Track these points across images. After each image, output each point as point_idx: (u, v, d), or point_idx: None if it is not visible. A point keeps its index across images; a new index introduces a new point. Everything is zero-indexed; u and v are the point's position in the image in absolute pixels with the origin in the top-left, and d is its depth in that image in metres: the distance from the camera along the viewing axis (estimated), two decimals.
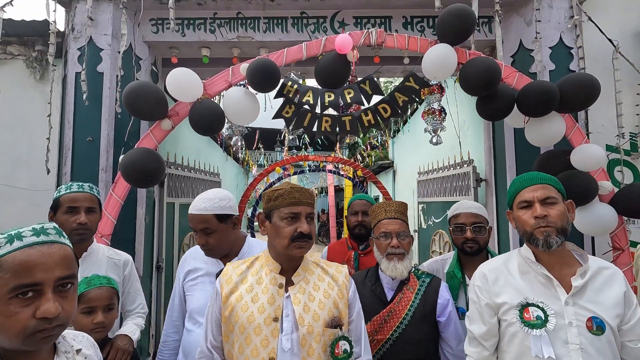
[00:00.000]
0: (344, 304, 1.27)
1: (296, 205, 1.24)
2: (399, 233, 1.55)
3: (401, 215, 1.61)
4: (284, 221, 1.24)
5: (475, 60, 2.15)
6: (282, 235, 1.23)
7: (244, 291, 1.25)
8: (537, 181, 1.26)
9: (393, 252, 1.53)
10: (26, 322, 0.73)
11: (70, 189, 1.59)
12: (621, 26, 2.82)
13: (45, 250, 0.78)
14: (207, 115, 2.16)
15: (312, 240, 1.26)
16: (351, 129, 2.23)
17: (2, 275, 0.73)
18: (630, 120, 2.75)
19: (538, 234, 1.20)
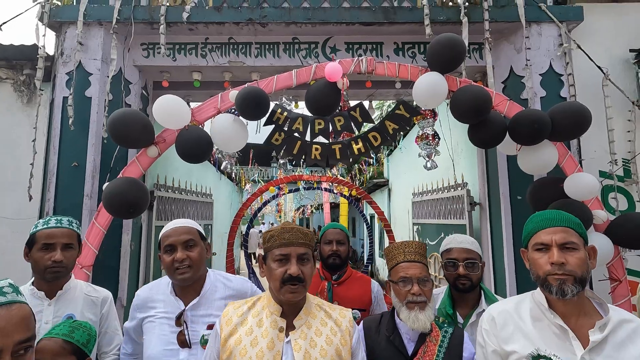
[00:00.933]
0: (347, 351, 1.22)
1: (286, 246, 1.21)
2: (420, 278, 1.40)
3: (421, 257, 1.47)
4: (275, 263, 1.21)
5: (466, 88, 2.14)
6: (273, 278, 1.21)
7: (244, 334, 1.20)
8: (557, 223, 1.17)
9: (414, 300, 1.38)
10: None
11: (47, 224, 1.53)
12: (609, 53, 2.85)
13: (3, 313, 0.72)
14: (194, 143, 2.12)
15: (306, 283, 1.21)
16: (341, 157, 2.19)
17: None
18: (622, 146, 2.74)
19: (552, 280, 1.12)
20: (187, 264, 1.41)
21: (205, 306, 1.45)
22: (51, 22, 2.66)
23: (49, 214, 2.48)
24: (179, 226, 1.47)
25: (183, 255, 1.41)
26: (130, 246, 2.70)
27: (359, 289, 1.99)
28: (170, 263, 1.42)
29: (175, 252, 1.42)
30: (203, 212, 4.77)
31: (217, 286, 1.51)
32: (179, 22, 2.66)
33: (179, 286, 1.48)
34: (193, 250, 1.44)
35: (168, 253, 1.43)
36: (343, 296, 1.93)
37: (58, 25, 2.71)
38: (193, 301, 1.46)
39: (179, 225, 1.48)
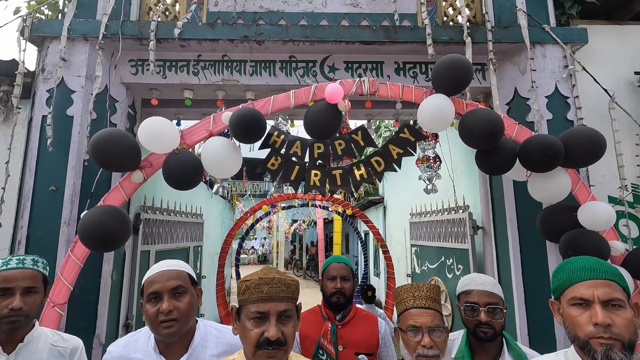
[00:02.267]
0: None
1: (265, 301, 1.03)
2: (431, 328, 1.25)
3: (433, 302, 1.32)
4: (250, 322, 1.03)
5: (476, 112, 2.03)
6: (247, 341, 1.03)
7: None
8: (599, 275, 1.02)
9: (425, 353, 1.22)
10: None
11: (7, 264, 1.33)
12: (614, 76, 2.79)
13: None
14: (183, 168, 1.95)
15: (287, 347, 1.03)
16: (342, 183, 2.04)
17: None
18: (630, 171, 2.65)
19: (596, 345, 0.96)
20: (174, 316, 1.21)
21: None
22: (33, 37, 2.50)
23: (21, 242, 2.27)
24: (166, 270, 1.27)
25: (170, 306, 1.21)
26: (111, 277, 2.49)
27: (366, 330, 1.80)
28: (155, 315, 1.21)
29: (160, 302, 1.21)
30: (193, 233, 4.55)
31: (207, 340, 1.31)
32: (170, 38, 2.52)
33: (163, 342, 1.27)
34: (182, 299, 1.24)
35: (152, 302, 1.23)
36: (348, 339, 1.74)
37: (40, 40, 2.55)
38: (181, 359, 1.26)
39: (165, 269, 1.27)
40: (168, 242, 3.82)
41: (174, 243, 3.96)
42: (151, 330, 1.27)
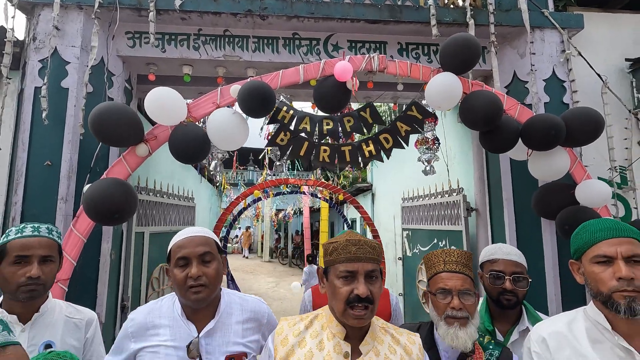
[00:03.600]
0: None
1: (353, 261, 1.06)
2: (461, 291, 1.28)
3: (464, 268, 1.34)
4: (339, 280, 1.07)
5: (478, 93, 2.06)
6: (337, 298, 1.07)
7: (302, 357, 1.06)
8: (621, 233, 1.08)
9: (454, 315, 1.25)
10: None
11: (22, 232, 1.27)
12: (606, 62, 2.89)
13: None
14: (191, 141, 1.90)
15: (374, 305, 1.07)
16: (351, 160, 2.05)
17: None
18: (619, 154, 2.77)
19: (619, 297, 1.02)
20: (203, 282, 1.20)
21: (221, 332, 1.24)
22: (22, 3, 2.35)
23: (16, 219, 2.17)
24: (195, 235, 1.26)
25: (199, 272, 1.19)
26: (110, 255, 2.42)
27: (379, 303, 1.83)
28: (183, 280, 1.20)
29: (189, 267, 1.20)
30: (185, 217, 4.48)
31: (232, 307, 1.31)
32: (171, 10, 2.43)
33: (190, 308, 1.26)
34: (210, 265, 1.23)
35: (180, 267, 1.21)
36: None
37: (30, 7, 2.41)
38: (208, 326, 1.24)
39: (194, 235, 1.26)
40: (162, 225, 3.75)
41: (167, 226, 3.89)
42: (179, 296, 1.25)
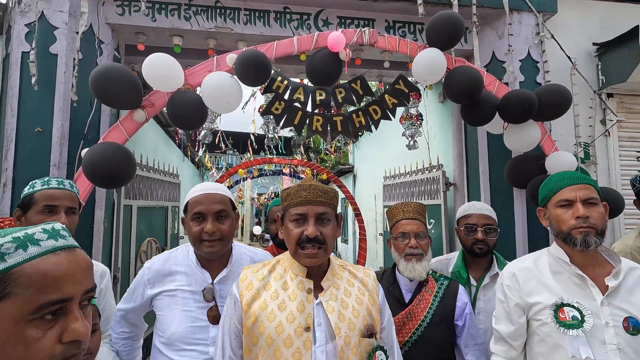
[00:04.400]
0: (375, 310, 1.19)
1: (303, 204, 1.13)
2: (417, 233, 1.52)
3: (419, 216, 1.57)
4: (292, 223, 1.14)
5: (461, 69, 2.21)
6: (290, 239, 1.14)
7: (269, 298, 1.13)
8: (579, 181, 1.25)
9: (411, 252, 1.49)
10: (52, 349, 0.57)
11: (48, 184, 1.33)
12: (575, 45, 3.10)
13: (71, 257, 0.62)
14: (188, 107, 1.96)
15: (327, 246, 1.15)
16: (343, 130, 2.16)
17: (21, 292, 0.56)
18: (584, 131, 3.02)
19: (576, 233, 1.20)
20: (217, 237, 1.29)
21: (233, 280, 1.34)
22: None
23: (7, 185, 2.17)
24: (212, 193, 1.33)
25: (214, 228, 1.28)
26: (103, 224, 2.46)
27: None
28: (198, 233, 1.29)
29: (204, 222, 1.29)
30: (171, 193, 4.49)
31: (242, 258, 1.42)
32: None
33: (204, 258, 1.36)
34: (224, 222, 1.32)
35: (196, 221, 1.30)
36: None
37: None
38: (221, 274, 1.35)
39: (211, 192, 1.33)
40: (149, 199, 3.77)
41: (153, 201, 3.90)
42: (193, 247, 1.34)
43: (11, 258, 0.56)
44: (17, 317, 0.55)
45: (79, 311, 0.61)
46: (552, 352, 1.20)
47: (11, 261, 0.56)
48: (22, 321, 0.55)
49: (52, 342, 0.57)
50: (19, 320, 0.55)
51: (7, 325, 0.55)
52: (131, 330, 1.40)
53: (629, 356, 1.12)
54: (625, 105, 3.09)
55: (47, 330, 0.57)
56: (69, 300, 0.60)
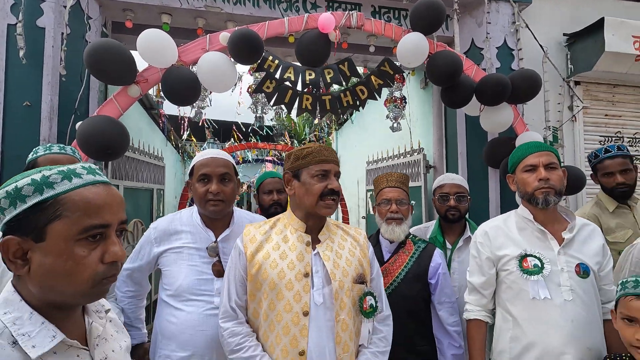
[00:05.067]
0: (366, 262, 1.34)
1: (326, 162, 1.26)
2: (398, 200, 1.67)
3: (402, 184, 1.71)
4: (314, 178, 1.24)
5: (442, 53, 2.35)
6: (311, 192, 1.24)
7: (271, 249, 1.25)
8: (542, 148, 1.43)
9: (392, 217, 1.63)
10: (96, 266, 0.67)
11: (50, 150, 1.39)
12: (547, 35, 3.30)
13: (108, 191, 0.71)
14: (183, 83, 2.01)
15: (338, 199, 1.29)
16: (331, 108, 2.27)
17: (69, 214, 0.65)
18: (553, 116, 3.25)
19: (539, 194, 1.38)
20: (221, 197, 1.40)
21: (235, 239, 1.45)
22: None
23: None
24: (217, 157, 1.44)
25: (218, 189, 1.39)
26: None
27: None
28: (204, 194, 1.39)
29: (210, 184, 1.39)
30: (156, 176, 4.49)
31: (242, 221, 1.53)
32: None
33: (208, 218, 1.46)
34: (228, 185, 1.43)
35: (202, 182, 1.40)
36: None
37: None
38: (224, 233, 1.46)
39: (216, 156, 1.44)
40: (134, 181, 3.77)
41: (139, 182, 3.91)
42: (198, 206, 1.45)
43: (59, 186, 0.66)
44: (68, 236, 0.65)
45: (116, 238, 0.71)
46: (516, 296, 1.38)
47: (59, 189, 0.66)
48: (71, 240, 0.65)
49: (96, 261, 0.67)
50: (69, 239, 0.65)
51: (59, 242, 0.65)
52: (136, 290, 1.49)
53: (579, 295, 1.32)
54: (590, 92, 3.34)
55: (91, 251, 0.67)
56: (108, 226, 0.69)
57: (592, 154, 2.12)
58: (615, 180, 1.99)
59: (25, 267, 0.64)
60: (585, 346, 1.28)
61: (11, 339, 0.61)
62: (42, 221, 0.64)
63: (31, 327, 0.63)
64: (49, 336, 0.64)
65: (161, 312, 1.39)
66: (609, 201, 2.06)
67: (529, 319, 1.35)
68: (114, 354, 0.77)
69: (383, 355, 1.27)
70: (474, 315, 1.49)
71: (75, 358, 0.68)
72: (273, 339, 1.17)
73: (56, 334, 0.65)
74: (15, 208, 0.63)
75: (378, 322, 1.31)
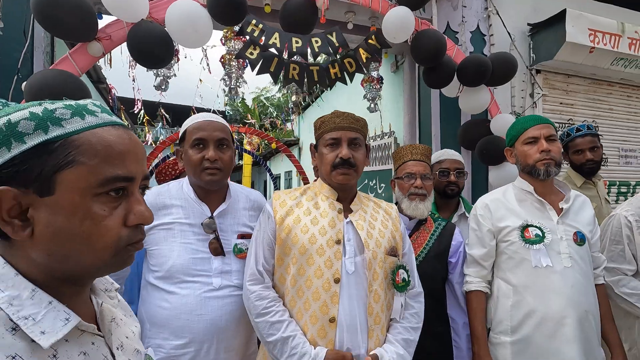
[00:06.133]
0: (399, 236, 1.28)
1: (337, 130, 1.19)
2: (423, 175, 1.57)
3: (426, 158, 1.62)
4: (326, 148, 1.20)
5: (427, 31, 2.34)
6: (324, 162, 1.20)
7: (302, 214, 1.18)
8: (542, 121, 1.45)
9: (416, 192, 1.54)
10: (119, 230, 0.53)
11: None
12: (513, 24, 3.45)
13: (130, 135, 0.56)
14: (152, 40, 1.76)
15: (357, 168, 1.21)
16: (319, 80, 2.15)
17: (85, 160, 0.50)
18: (517, 102, 3.42)
19: (540, 165, 1.40)
20: (218, 165, 1.23)
21: (232, 214, 1.31)
22: None
23: None
24: (214, 120, 1.26)
25: (215, 155, 1.23)
26: None
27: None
28: (199, 161, 1.22)
29: (206, 150, 1.23)
30: None
31: (239, 196, 1.38)
32: None
33: (202, 190, 1.28)
34: (226, 152, 1.27)
35: (196, 148, 1.23)
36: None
37: None
38: (221, 207, 1.30)
39: (213, 120, 1.26)
40: None
41: None
42: (192, 176, 1.27)
43: (69, 124, 0.50)
44: (84, 188, 0.50)
45: (140, 195, 0.57)
46: (518, 266, 1.41)
47: (70, 127, 0.50)
48: (88, 194, 0.50)
49: (119, 223, 0.53)
50: (86, 192, 0.50)
51: (73, 196, 0.49)
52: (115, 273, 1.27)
53: (577, 262, 1.38)
54: (549, 81, 3.56)
55: (113, 210, 0.53)
56: (132, 179, 0.55)
57: (564, 133, 2.24)
58: (585, 157, 2.13)
59: (26, 230, 0.49)
60: (583, 309, 1.34)
61: (10, 324, 0.46)
62: (48, 168, 0.48)
63: (34, 308, 0.48)
64: (61, 319, 0.49)
65: (148, 298, 1.21)
66: (577, 177, 2.21)
67: (530, 287, 1.38)
68: (128, 341, 0.63)
69: (415, 332, 1.22)
70: (474, 287, 1.50)
71: (90, 346, 0.53)
72: (301, 304, 1.11)
73: (70, 316, 0.50)
74: (10, 150, 0.47)
75: (410, 298, 1.26)
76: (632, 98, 3.95)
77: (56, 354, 0.48)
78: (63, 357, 0.49)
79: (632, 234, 1.56)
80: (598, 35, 3.24)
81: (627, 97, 3.93)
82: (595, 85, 3.75)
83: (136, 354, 0.63)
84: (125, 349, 0.60)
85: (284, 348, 1.06)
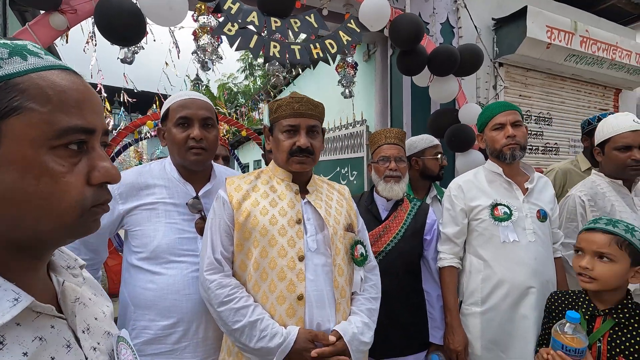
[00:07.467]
0: (353, 214, 1.32)
1: (295, 117, 1.16)
2: (397, 157, 1.62)
3: (400, 141, 1.67)
4: (283, 134, 1.16)
5: (407, 15, 2.39)
6: (281, 149, 1.17)
7: (259, 197, 1.17)
8: (508, 107, 1.55)
9: (391, 174, 1.60)
10: (81, 189, 0.47)
11: None
12: (479, 18, 3.61)
13: (84, 83, 0.49)
14: (121, 14, 1.66)
15: (315, 157, 1.21)
16: (301, 57, 2.13)
17: (35, 107, 0.43)
18: (482, 93, 3.61)
19: (506, 149, 1.51)
20: (203, 145, 1.21)
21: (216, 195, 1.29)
22: None
23: None
24: (198, 98, 1.22)
25: (201, 134, 1.20)
26: None
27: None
28: (184, 140, 1.19)
29: (190, 128, 1.20)
30: None
31: (223, 177, 1.35)
32: None
33: (186, 170, 1.26)
34: (210, 131, 1.24)
35: (181, 127, 1.19)
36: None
37: None
38: (206, 187, 1.28)
39: (197, 97, 1.22)
40: None
41: None
42: (176, 156, 1.24)
43: (8, 65, 0.43)
44: (37, 139, 0.43)
45: (103, 151, 0.50)
46: (488, 241, 1.52)
47: (9, 68, 0.43)
48: (43, 146, 0.43)
49: (81, 181, 0.47)
50: (39, 144, 0.43)
51: (24, 149, 0.42)
52: (91, 258, 1.21)
53: (539, 237, 1.51)
54: (510, 74, 3.77)
55: (72, 166, 0.46)
56: (93, 132, 0.48)
57: (586, 121, 2.33)
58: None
59: None
60: (545, 279, 1.47)
61: None
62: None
63: None
64: (9, 299, 0.42)
65: (131, 280, 1.17)
66: (584, 161, 2.35)
67: (499, 260, 1.49)
68: (97, 323, 0.56)
69: (375, 302, 1.27)
70: (447, 263, 1.59)
71: (48, 330, 0.47)
72: (266, 287, 1.09)
73: (19, 296, 0.43)
74: None
75: (367, 271, 1.31)
76: (581, 92, 4.29)
77: (3, 340, 0.41)
78: (13, 343, 0.41)
79: (585, 213, 1.73)
80: (554, 32, 3.48)
81: (577, 91, 4.26)
82: (550, 79, 4.03)
83: (107, 336, 0.57)
84: (92, 332, 0.54)
85: (253, 332, 1.02)
